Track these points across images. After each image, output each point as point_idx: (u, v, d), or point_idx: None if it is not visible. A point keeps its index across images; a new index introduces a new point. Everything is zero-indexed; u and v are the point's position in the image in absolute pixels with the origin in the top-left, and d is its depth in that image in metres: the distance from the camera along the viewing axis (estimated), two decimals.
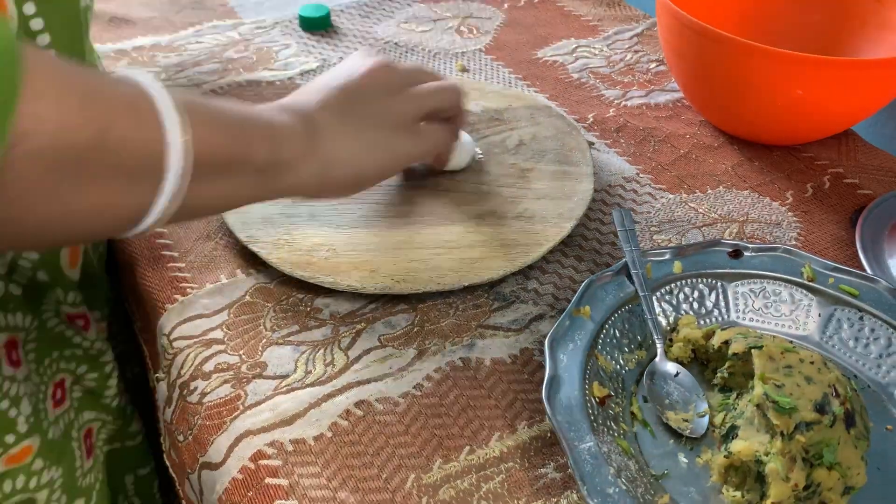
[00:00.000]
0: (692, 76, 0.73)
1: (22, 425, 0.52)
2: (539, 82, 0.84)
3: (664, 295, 0.55)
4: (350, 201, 0.64)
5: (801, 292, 0.55)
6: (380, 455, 0.47)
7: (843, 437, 0.42)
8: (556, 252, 0.62)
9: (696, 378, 0.51)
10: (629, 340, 0.53)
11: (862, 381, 0.52)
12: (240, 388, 0.51)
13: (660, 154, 0.73)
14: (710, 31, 0.65)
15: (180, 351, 0.54)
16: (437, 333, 0.55)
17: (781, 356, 0.46)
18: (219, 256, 0.61)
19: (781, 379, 0.44)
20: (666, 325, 0.54)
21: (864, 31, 0.77)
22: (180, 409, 0.51)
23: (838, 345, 0.53)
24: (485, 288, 0.59)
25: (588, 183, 0.65)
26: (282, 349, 0.54)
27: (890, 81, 0.66)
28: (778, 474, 0.42)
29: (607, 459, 0.44)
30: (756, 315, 0.55)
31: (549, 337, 0.50)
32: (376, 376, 0.52)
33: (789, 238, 0.64)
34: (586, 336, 0.51)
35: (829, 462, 0.42)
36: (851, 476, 0.42)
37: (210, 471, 0.48)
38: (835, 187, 0.70)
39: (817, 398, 0.43)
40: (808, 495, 0.42)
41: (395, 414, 0.50)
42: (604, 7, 0.99)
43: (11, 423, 0.51)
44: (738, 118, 0.73)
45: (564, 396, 0.47)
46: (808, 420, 0.42)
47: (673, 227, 0.65)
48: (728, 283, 0.56)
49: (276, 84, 0.82)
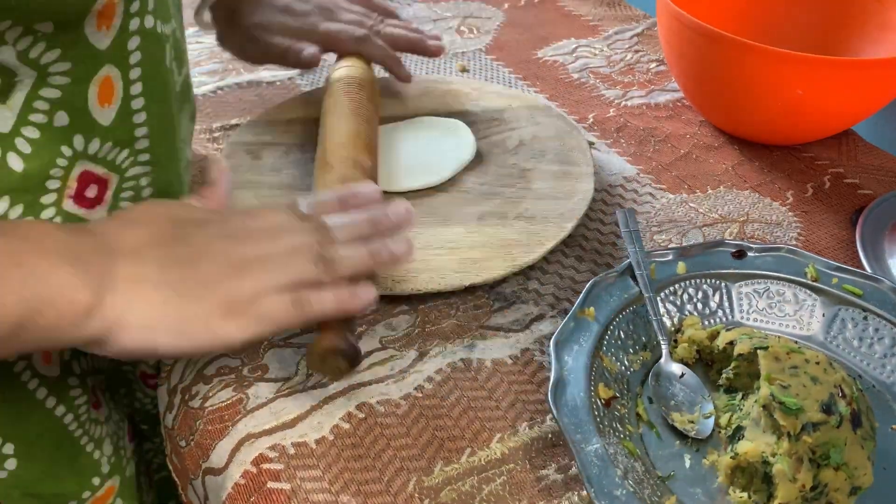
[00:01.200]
0: (692, 76, 0.73)
1: (105, 466, 0.53)
2: (539, 82, 0.83)
3: (668, 296, 0.55)
4: None
5: (805, 292, 0.55)
6: (381, 457, 0.47)
7: (849, 437, 0.42)
8: (556, 252, 0.61)
9: (701, 379, 0.51)
10: (634, 341, 0.53)
11: (867, 380, 0.52)
12: (241, 392, 0.51)
13: (660, 154, 0.73)
14: (710, 31, 0.65)
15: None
16: (437, 334, 0.55)
17: (787, 357, 0.46)
18: None
19: (787, 379, 0.44)
20: (670, 325, 0.54)
21: (865, 31, 0.77)
22: (182, 415, 0.51)
23: (843, 345, 0.53)
24: (485, 288, 0.58)
25: (588, 183, 0.65)
26: (283, 351, 0.53)
27: (890, 81, 0.66)
28: (785, 475, 0.42)
29: (614, 461, 0.44)
30: (760, 315, 0.55)
31: (553, 338, 0.50)
32: (377, 378, 0.52)
33: (789, 238, 0.64)
34: (591, 337, 0.51)
35: (835, 462, 0.42)
36: (858, 476, 0.42)
37: (213, 476, 0.48)
38: (835, 187, 0.70)
39: (824, 398, 0.43)
40: (816, 496, 0.42)
41: (397, 416, 0.50)
42: (604, 7, 0.99)
43: (96, 464, 0.53)
44: (738, 118, 0.73)
45: (570, 398, 0.47)
46: (814, 421, 0.42)
47: (673, 227, 0.65)
48: (732, 284, 0.56)
49: (276, 84, 0.81)
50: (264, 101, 0.78)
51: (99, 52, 0.43)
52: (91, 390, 0.53)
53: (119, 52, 0.45)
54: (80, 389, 0.52)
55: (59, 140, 0.44)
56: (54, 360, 0.50)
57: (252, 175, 0.66)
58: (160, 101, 0.50)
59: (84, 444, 0.52)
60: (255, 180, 0.65)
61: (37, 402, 0.49)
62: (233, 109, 0.77)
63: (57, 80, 0.42)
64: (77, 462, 0.52)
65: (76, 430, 0.52)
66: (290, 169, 0.67)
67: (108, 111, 0.46)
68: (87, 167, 0.46)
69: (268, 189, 0.64)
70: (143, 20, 0.45)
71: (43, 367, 0.49)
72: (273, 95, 0.79)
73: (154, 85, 0.48)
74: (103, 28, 0.43)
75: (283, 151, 0.69)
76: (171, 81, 0.51)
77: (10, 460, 0.48)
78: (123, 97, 0.46)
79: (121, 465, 0.55)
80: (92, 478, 0.53)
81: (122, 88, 0.46)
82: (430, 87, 0.77)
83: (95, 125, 0.45)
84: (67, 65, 0.42)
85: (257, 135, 0.70)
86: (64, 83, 0.43)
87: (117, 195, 0.50)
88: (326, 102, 0.67)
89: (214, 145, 0.72)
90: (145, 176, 0.51)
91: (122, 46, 0.45)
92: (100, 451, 0.53)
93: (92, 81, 0.44)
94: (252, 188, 0.64)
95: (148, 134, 0.49)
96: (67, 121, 0.44)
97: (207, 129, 0.74)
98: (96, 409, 0.53)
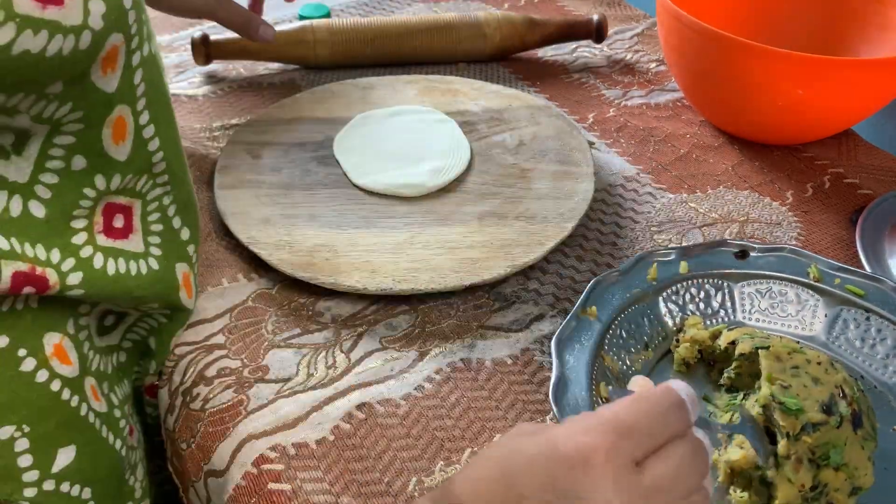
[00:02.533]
0: (692, 76, 0.73)
1: (138, 491, 0.53)
2: (539, 82, 0.83)
3: (670, 295, 0.55)
4: (350, 201, 0.64)
5: (808, 293, 0.55)
6: (382, 458, 0.47)
7: (850, 437, 0.42)
8: (556, 252, 0.61)
9: (703, 379, 0.51)
10: (636, 341, 0.53)
11: (868, 381, 0.52)
12: (242, 393, 0.51)
13: (660, 154, 0.73)
14: (710, 31, 0.65)
15: (182, 357, 0.54)
16: (437, 335, 0.55)
17: (788, 357, 0.46)
18: (220, 260, 0.60)
19: (788, 380, 0.44)
20: (672, 325, 0.54)
21: (865, 31, 0.77)
22: (183, 417, 0.51)
23: (845, 345, 0.53)
24: (486, 288, 0.58)
25: (589, 183, 0.65)
26: (283, 352, 0.53)
27: (890, 81, 0.66)
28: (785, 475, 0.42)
29: None
30: (762, 315, 0.55)
31: (555, 337, 0.50)
32: (378, 378, 0.52)
33: (790, 238, 0.64)
34: (593, 337, 0.51)
35: (835, 463, 0.42)
36: (859, 477, 0.42)
37: (215, 478, 0.48)
38: (835, 187, 0.70)
39: (824, 399, 0.43)
40: (816, 496, 0.42)
41: (397, 416, 0.50)
42: (604, 7, 0.99)
43: (131, 491, 0.52)
44: (738, 118, 0.73)
45: (572, 397, 0.47)
46: (814, 421, 0.42)
47: (673, 227, 0.65)
48: (734, 284, 0.56)
49: (276, 84, 0.81)
50: (264, 101, 0.78)
51: (109, 95, 0.43)
52: (127, 417, 0.53)
53: (128, 90, 0.45)
54: (123, 420, 0.52)
55: (80, 183, 0.44)
56: (100, 395, 0.50)
57: (252, 175, 0.66)
58: (167, 121, 0.50)
59: (125, 473, 0.52)
60: (255, 180, 0.65)
61: (103, 440, 0.49)
62: (233, 109, 0.77)
63: (70, 127, 0.42)
64: (121, 492, 0.51)
65: (125, 461, 0.51)
66: (290, 168, 0.67)
67: (122, 147, 0.46)
68: (109, 200, 0.47)
69: (268, 189, 0.64)
70: (142, 50, 0.45)
71: (96, 404, 0.49)
72: (273, 95, 0.79)
73: (159, 107, 0.48)
74: (108, 72, 0.42)
75: (283, 151, 0.69)
76: (168, 94, 0.50)
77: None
78: (135, 130, 0.46)
79: (148, 486, 0.55)
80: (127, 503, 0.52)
81: (132, 122, 0.46)
82: (430, 87, 0.77)
83: (113, 162, 0.46)
84: (79, 114, 0.42)
85: (257, 134, 0.70)
86: (78, 129, 0.43)
87: (144, 219, 0.50)
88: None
89: (214, 145, 0.72)
90: (167, 195, 0.51)
91: (130, 83, 0.45)
92: (134, 476, 0.52)
93: (105, 124, 0.44)
94: (252, 188, 0.64)
95: (164, 157, 0.49)
96: (85, 163, 0.44)
97: (207, 128, 0.74)
98: (131, 435, 0.53)
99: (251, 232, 0.60)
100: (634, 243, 0.63)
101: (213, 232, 0.63)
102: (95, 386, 0.49)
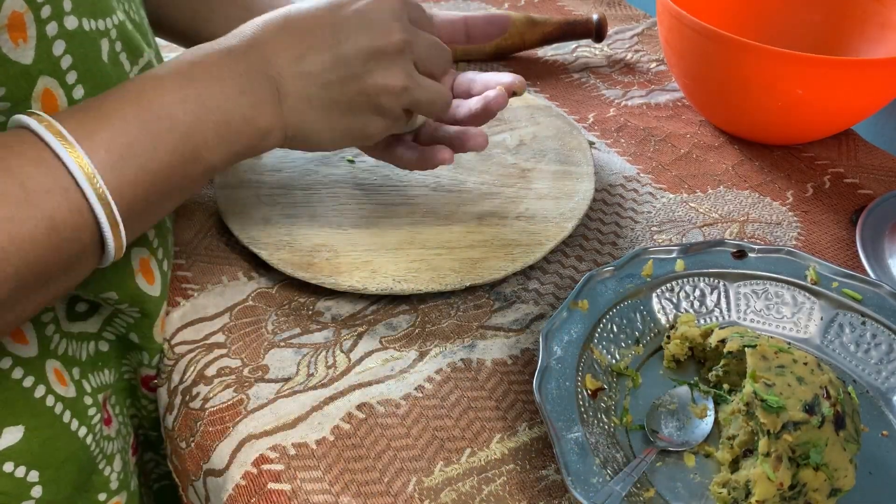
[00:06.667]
0: (692, 76, 0.73)
1: (114, 482, 0.53)
2: (539, 82, 0.83)
3: (665, 292, 0.55)
4: (350, 202, 0.64)
5: (804, 295, 0.55)
6: (381, 458, 0.47)
7: (831, 438, 0.42)
8: (557, 252, 0.62)
9: (693, 376, 0.51)
10: (626, 336, 0.53)
11: (861, 385, 0.51)
12: (242, 393, 0.51)
13: (660, 154, 0.73)
14: (710, 30, 0.65)
15: (181, 356, 0.54)
16: (438, 334, 0.55)
17: (775, 356, 0.46)
18: (221, 258, 0.60)
19: (773, 378, 0.44)
20: (665, 322, 0.54)
21: (865, 31, 0.77)
22: (182, 416, 0.51)
23: (839, 349, 0.53)
24: (486, 288, 0.59)
25: (589, 183, 0.65)
26: (283, 352, 0.53)
27: (890, 81, 0.66)
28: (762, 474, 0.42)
29: (594, 450, 0.44)
30: (757, 316, 0.55)
31: (544, 328, 0.50)
32: (378, 378, 0.52)
33: (789, 238, 0.64)
34: (582, 329, 0.51)
35: (815, 462, 0.42)
36: (838, 478, 0.42)
37: (214, 477, 0.48)
38: (835, 187, 0.70)
39: (807, 399, 0.43)
40: (794, 495, 0.42)
41: (397, 416, 0.50)
42: (604, 6, 0.99)
43: (106, 481, 0.52)
44: (738, 118, 0.73)
45: (555, 387, 0.47)
46: (795, 420, 0.42)
47: (673, 227, 0.65)
48: (730, 284, 0.56)
49: None
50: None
51: (27, 67, 0.42)
52: (102, 406, 0.53)
53: (47, 61, 0.43)
54: (95, 408, 0.52)
55: None
56: (68, 380, 0.50)
57: (252, 175, 0.66)
58: None
59: (97, 463, 0.52)
60: (255, 180, 0.65)
61: (63, 425, 0.49)
62: None
63: None
64: (90, 481, 0.51)
65: (94, 450, 0.51)
66: (290, 169, 0.67)
67: None
68: None
69: (268, 189, 0.65)
70: (63, 22, 0.43)
71: (61, 388, 0.49)
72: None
73: (95, 84, 0.46)
74: (20, 41, 0.41)
75: (283, 151, 0.69)
76: (119, 75, 0.49)
77: (35, 488, 0.47)
78: (68, 104, 0.45)
79: (128, 479, 0.55)
80: (97, 493, 0.52)
81: (63, 96, 0.45)
82: None
83: None
84: (2, 90, 0.41)
85: None
86: (5, 108, 0.42)
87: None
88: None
89: None
90: None
91: (49, 54, 0.43)
92: (110, 467, 0.52)
93: (32, 98, 0.43)
94: (252, 188, 0.64)
95: None
96: None
97: None
98: (108, 425, 0.53)
99: (251, 231, 0.60)
100: (634, 243, 0.63)
101: (213, 230, 0.63)
102: (61, 370, 0.49)
